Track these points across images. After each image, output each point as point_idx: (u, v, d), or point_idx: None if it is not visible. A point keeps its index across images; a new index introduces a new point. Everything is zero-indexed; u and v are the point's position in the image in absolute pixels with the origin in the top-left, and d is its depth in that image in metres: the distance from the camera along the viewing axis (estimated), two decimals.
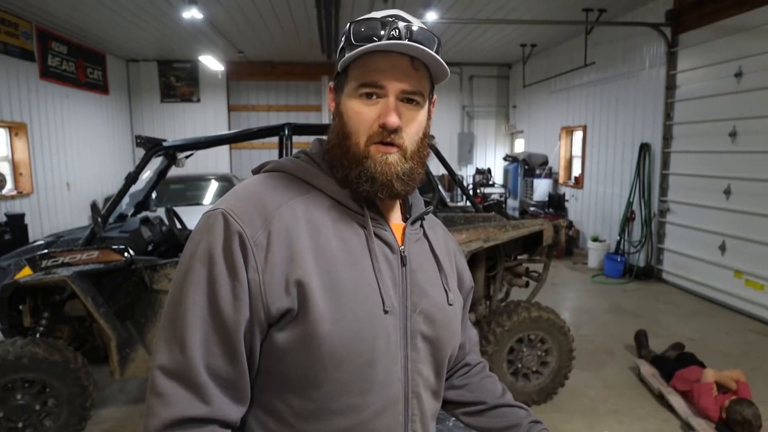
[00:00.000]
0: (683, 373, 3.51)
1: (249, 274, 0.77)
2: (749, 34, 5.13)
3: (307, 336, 0.78)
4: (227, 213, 0.79)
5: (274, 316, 0.78)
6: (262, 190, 0.85)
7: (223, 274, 0.77)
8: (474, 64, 11.56)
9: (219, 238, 0.78)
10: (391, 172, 0.84)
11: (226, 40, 8.91)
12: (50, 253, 2.91)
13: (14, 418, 2.82)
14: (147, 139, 3.15)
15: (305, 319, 0.77)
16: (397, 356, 0.85)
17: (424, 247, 0.96)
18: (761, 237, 5.03)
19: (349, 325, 0.79)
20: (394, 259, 0.88)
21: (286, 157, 0.95)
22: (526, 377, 3.40)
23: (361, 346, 0.80)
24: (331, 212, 0.86)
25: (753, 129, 5.12)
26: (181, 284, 0.80)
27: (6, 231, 6.34)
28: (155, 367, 0.78)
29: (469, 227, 3.23)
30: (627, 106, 7.25)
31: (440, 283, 0.95)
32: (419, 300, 0.89)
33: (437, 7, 6.75)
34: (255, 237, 0.78)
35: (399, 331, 0.85)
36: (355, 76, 0.85)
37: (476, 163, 12.07)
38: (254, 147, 11.08)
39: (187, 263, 0.80)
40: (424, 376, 0.89)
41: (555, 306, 3.75)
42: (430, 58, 0.83)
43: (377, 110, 0.84)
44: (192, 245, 0.81)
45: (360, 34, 0.83)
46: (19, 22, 7.13)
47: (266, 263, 0.78)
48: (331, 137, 0.90)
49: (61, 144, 8.24)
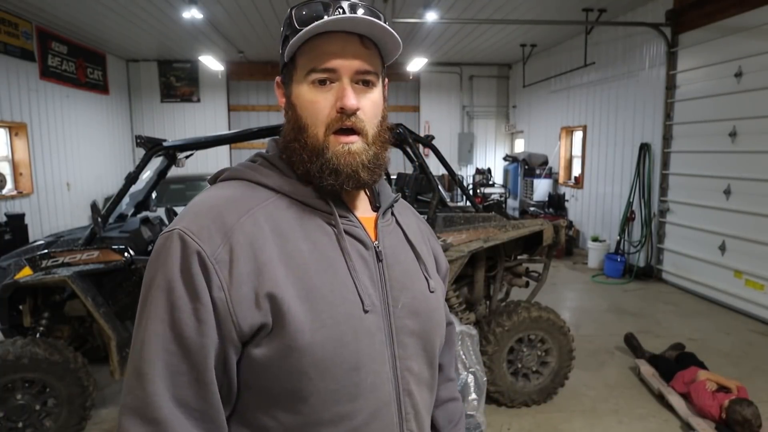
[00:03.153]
0: (683, 374, 3.51)
1: (213, 294, 0.72)
2: (749, 34, 5.13)
3: (287, 349, 0.74)
4: (183, 232, 0.74)
5: (246, 333, 0.73)
6: (219, 202, 0.79)
7: (183, 299, 0.72)
8: (474, 64, 11.56)
9: (176, 260, 0.73)
10: (355, 162, 0.81)
11: (226, 40, 8.91)
12: (50, 253, 2.92)
13: (14, 418, 2.82)
14: (147, 139, 3.15)
15: (282, 332, 0.73)
16: (384, 356, 0.82)
17: (398, 237, 0.92)
18: (761, 237, 5.03)
19: (330, 332, 0.75)
20: (369, 255, 0.84)
21: (242, 162, 0.90)
22: (526, 377, 3.40)
23: (344, 351, 0.76)
24: (297, 215, 0.81)
25: (753, 129, 5.12)
26: (141, 316, 0.75)
27: (6, 231, 6.34)
28: (120, 407, 0.73)
29: (469, 227, 3.23)
30: (627, 106, 7.25)
31: (420, 272, 0.91)
32: (400, 294, 0.85)
33: (437, 7, 6.75)
34: (215, 254, 0.73)
35: (383, 330, 0.82)
36: (303, 63, 0.81)
37: (476, 163, 12.07)
38: (254, 147, 11.06)
39: (146, 292, 0.75)
40: (415, 373, 0.86)
41: (555, 306, 3.75)
42: (380, 29, 0.79)
43: (332, 96, 0.80)
44: (150, 272, 0.76)
45: (302, 17, 0.79)
46: (19, 22, 7.13)
47: (231, 279, 0.73)
48: (286, 133, 0.85)
49: (61, 144, 8.25)
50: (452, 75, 11.62)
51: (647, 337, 4.53)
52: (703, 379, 3.31)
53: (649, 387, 3.64)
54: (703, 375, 3.37)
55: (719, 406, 3.11)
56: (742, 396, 3.19)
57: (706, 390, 3.22)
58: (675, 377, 3.54)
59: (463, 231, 3.20)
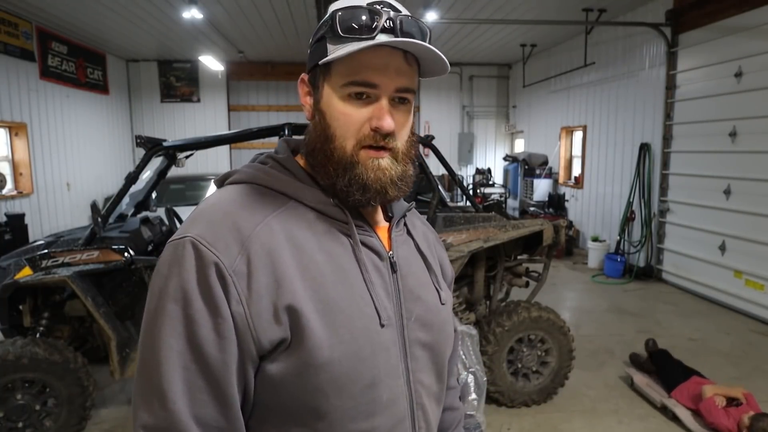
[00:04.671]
0: (687, 386, 3.37)
1: (232, 308, 0.68)
2: (749, 34, 5.13)
3: (304, 365, 0.70)
4: (198, 241, 0.69)
5: (266, 348, 0.70)
6: (232, 208, 0.75)
7: (202, 312, 0.68)
8: (474, 64, 11.56)
9: (191, 271, 0.68)
10: (385, 177, 0.77)
11: (226, 40, 8.91)
12: (50, 253, 2.92)
13: (14, 418, 2.82)
14: (147, 139, 3.15)
15: (300, 347, 0.70)
16: (399, 370, 0.79)
17: (410, 248, 0.89)
18: (761, 237, 5.03)
19: (348, 348, 0.73)
20: (383, 266, 0.81)
21: (251, 165, 0.84)
22: (526, 377, 3.40)
23: (361, 368, 0.74)
24: (312, 224, 0.77)
25: (753, 129, 5.12)
26: (153, 328, 0.69)
27: (6, 231, 6.34)
28: (138, 427, 0.69)
29: (469, 227, 3.23)
30: (627, 106, 7.25)
31: (431, 284, 0.90)
32: (413, 306, 0.83)
33: (437, 7, 6.75)
34: (233, 265, 0.69)
35: (398, 344, 0.79)
36: (341, 71, 0.75)
37: (476, 163, 12.07)
38: (254, 147, 11.06)
39: (156, 303, 0.70)
40: (426, 386, 0.84)
41: (555, 306, 3.75)
42: (433, 56, 0.75)
43: (368, 112, 0.75)
44: (159, 281, 0.71)
45: (348, 25, 0.73)
46: (19, 22, 7.13)
47: (250, 293, 0.69)
48: (311, 139, 0.80)
49: (61, 144, 8.24)
50: (452, 75, 11.61)
51: (647, 337, 4.53)
52: (710, 396, 3.16)
53: (646, 398, 3.51)
54: (709, 391, 3.20)
55: (736, 422, 3.01)
56: (751, 403, 3.13)
57: (717, 408, 3.10)
58: (677, 388, 3.40)
59: (463, 231, 3.20)
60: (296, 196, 0.79)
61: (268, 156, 0.85)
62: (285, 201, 0.78)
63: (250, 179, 0.81)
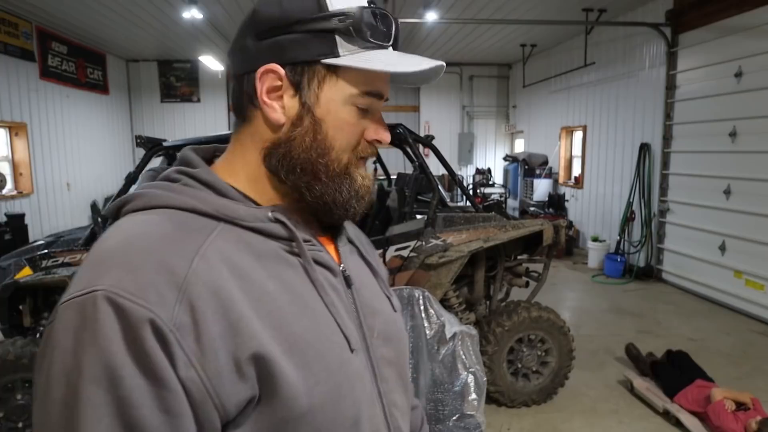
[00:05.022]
0: (691, 390, 3.33)
1: (181, 374, 0.52)
2: (749, 34, 5.13)
3: (281, 421, 0.58)
4: (116, 294, 0.51)
5: (232, 414, 0.56)
6: (152, 243, 0.57)
7: (140, 390, 0.50)
8: (474, 64, 11.55)
9: (115, 337, 0.50)
10: (370, 186, 0.72)
11: (226, 40, 8.91)
12: (50, 253, 2.92)
13: (14, 418, 2.82)
14: (147, 139, 3.15)
15: (273, 401, 0.57)
16: (374, 397, 0.70)
17: (355, 256, 0.80)
18: (761, 237, 5.03)
19: (327, 388, 0.61)
20: (338, 283, 0.71)
21: (155, 184, 0.67)
22: (526, 377, 3.40)
23: (344, 406, 0.63)
24: (252, 247, 0.63)
25: (753, 129, 5.12)
26: (68, 423, 0.50)
27: (6, 231, 6.34)
28: None
29: (469, 227, 3.23)
30: (627, 106, 7.25)
31: (382, 292, 0.81)
32: (373, 321, 0.74)
33: (437, 7, 6.75)
34: (173, 318, 0.52)
35: (368, 367, 0.70)
36: (356, 78, 0.66)
37: (476, 163, 12.07)
38: None
39: (64, 392, 0.51)
40: (399, 406, 0.76)
41: (555, 306, 3.75)
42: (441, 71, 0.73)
43: (366, 122, 0.70)
44: (62, 359, 0.51)
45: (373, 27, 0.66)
46: (19, 22, 7.13)
47: (201, 349, 0.53)
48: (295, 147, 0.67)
49: (61, 144, 8.25)
50: (452, 75, 11.61)
51: (647, 338, 4.54)
52: (720, 398, 3.13)
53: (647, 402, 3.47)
54: (719, 394, 3.17)
55: (744, 427, 2.98)
56: (758, 408, 3.10)
57: (726, 411, 3.06)
58: (681, 392, 3.36)
59: (463, 231, 3.20)
60: (226, 216, 0.63)
61: (177, 171, 0.68)
62: (214, 225, 0.62)
63: (162, 203, 0.63)
